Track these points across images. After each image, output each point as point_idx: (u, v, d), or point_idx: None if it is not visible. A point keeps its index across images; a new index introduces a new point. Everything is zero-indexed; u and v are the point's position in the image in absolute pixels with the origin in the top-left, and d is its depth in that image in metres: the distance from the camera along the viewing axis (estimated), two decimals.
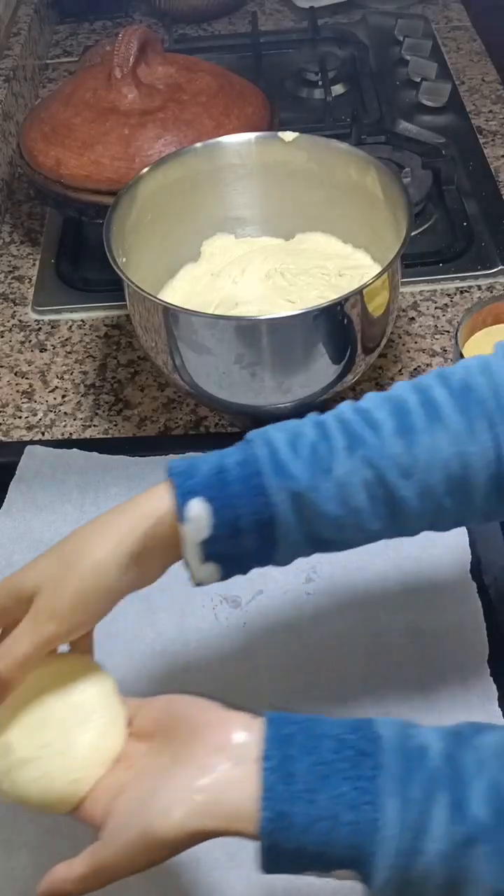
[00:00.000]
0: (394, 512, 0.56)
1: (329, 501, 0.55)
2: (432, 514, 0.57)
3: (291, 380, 0.84)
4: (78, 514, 0.87)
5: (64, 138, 1.07)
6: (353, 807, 0.45)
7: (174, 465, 0.57)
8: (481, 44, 1.52)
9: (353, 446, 0.55)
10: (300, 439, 0.56)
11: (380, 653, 0.76)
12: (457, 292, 1.08)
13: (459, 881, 0.45)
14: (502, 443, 0.55)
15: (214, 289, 0.97)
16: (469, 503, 0.57)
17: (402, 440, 0.55)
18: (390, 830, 0.45)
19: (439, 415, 0.56)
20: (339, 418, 0.57)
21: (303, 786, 0.46)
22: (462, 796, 0.45)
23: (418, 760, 0.46)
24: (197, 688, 0.74)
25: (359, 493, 0.55)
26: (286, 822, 0.46)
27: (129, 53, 1.07)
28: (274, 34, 1.57)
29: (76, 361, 1.05)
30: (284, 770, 0.47)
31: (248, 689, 0.74)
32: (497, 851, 0.44)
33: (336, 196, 0.97)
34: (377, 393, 0.59)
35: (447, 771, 0.46)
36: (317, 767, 0.47)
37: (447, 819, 0.44)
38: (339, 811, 0.45)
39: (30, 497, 0.88)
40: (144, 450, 0.92)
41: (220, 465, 0.56)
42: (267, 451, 0.55)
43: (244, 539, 0.55)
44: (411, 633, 0.77)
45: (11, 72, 1.38)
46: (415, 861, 0.45)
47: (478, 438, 0.55)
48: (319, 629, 0.77)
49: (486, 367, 0.58)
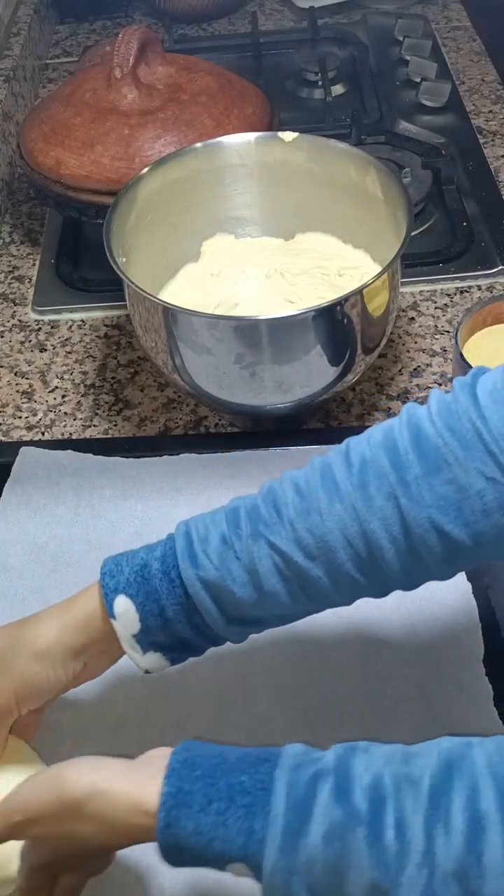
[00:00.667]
0: (308, 591, 0.58)
1: (242, 587, 0.58)
2: (349, 588, 0.58)
3: (291, 380, 0.84)
4: (72, 517, 0.87)
5: (64, 138, 1.07)
6: (248, 792, 0.48)
7: (105, 563, 0.62)
8: (481, 44, 1.52)
9: (258, 532, 0.58)
10: (213, 529, 0.59)
11: (375, 653, 0.76)
12: (457, 292, 1.08)
13: (342, 866, 0.46)
14: (408, 517, 0.55)
15: (214, 289, 0.97)
16: (385, 576, 0.57)
17: (304, 521, 0.57)
18: (277, 809, 0.47)
19: (339, 493, 0.56)
20: (251, 504, 0.59)
21: (203, 772, 0.50)
22: (346, 786, 0.47)
23: (312, 761, 0.49)
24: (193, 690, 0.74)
25: (269, 578, 0.57)
26: (185, 799, 0.49)
27: (129, 53, 1.07)
28: (274, 34, 1.57)
29: (76, 361, 1.05)
30: (190, 763, 0.50)
31: (244, 689, 0.75)
32: (374, 836, 0.45)
33: (336, 196, 0.97)
34: (292, 472, 0.60)
35: (336, 766, 0.48)
36: (220, 765, 0.50)
37: (329, 802, 0.47)
38: (235, 795, 0.48)
39: (24, 499, 0.88)
40: (144, 450, 0.92)
41: (145, 561, 0.60)
42: (184, 543, 0.59)
43: (176, 627, 0.59)
44: (407, 633, 0.77)
45: (11, 72, 1.38)
46: (300, 842, 0.46)
47: (378, 514, 0.55)
48: (315, 629, 0.77)
49: (389, 436, 0.57)
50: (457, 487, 0.54)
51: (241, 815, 0.48)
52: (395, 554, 0.56)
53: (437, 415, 0.56)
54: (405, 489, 0.55)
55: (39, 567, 0.83)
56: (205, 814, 0.48)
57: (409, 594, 0.78)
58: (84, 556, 0.84)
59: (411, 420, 0.57)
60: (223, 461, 0.90)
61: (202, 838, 0.48)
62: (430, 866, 0.44)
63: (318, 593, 0.58)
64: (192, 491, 0.88)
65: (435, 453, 0.55)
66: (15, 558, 0.84)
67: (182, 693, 0.74)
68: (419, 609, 0.78)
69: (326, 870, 0.46)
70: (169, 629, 0.60)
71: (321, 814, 0.46)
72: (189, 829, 0.48)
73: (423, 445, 0.55)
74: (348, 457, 0.58)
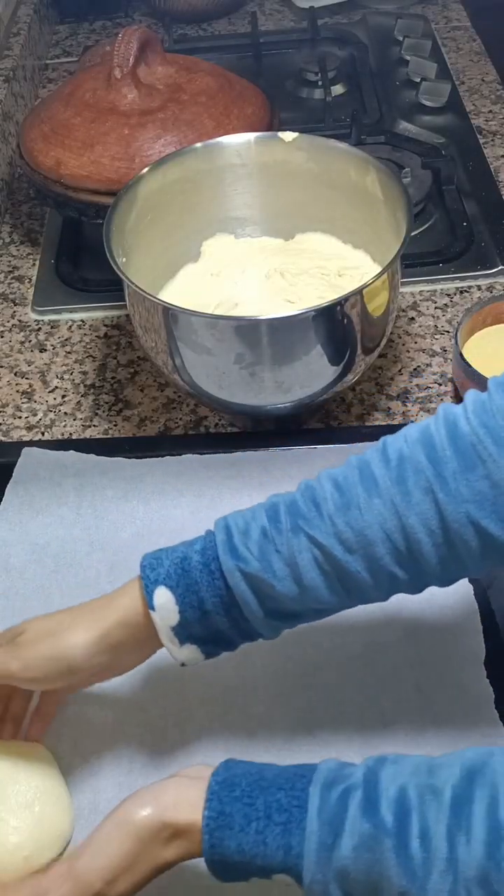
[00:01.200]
0: (347, 585, 0.59)
1: (282, 580, 0.59)
2: (388, 583, 0.59)
3: (291, 380, 0.84)
4: (74, 517, 0.87)
5: (64, 138, 1.07)
6: (284, 810, 0.51)
7: (145, 557, 0.63)
8: (481, 44, 1.52)
9: (298, 527, 0.59)
10: (253, 524, 0.61)
11: (377, 654, 0.76)
12: (457, 292, 1.08)
13: (373, 876, 0.49)
14: (444, 510, 0.56)
15: (214, 289, 0.97)
16: (422, 570, 0.59)
17: (343, 516, 0.58)
18: (311, 826, 0.50)
19: (378, 488, 0.58)
20: (289, 500, 0.61)
21: (242, 792, 0.52)
22: (374, 798, 0.50)
23: (344, 777, 0.52)
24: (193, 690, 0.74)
25: (309, 571, 0.59)
26: (226, 821, 0.52)
27: (129, 53, 1.07)
28: (274, 34, 1.57)
29: (76, 361, 1.05)
30: (229, 783, 0.53)
31: (244, 691, 0.74)
32: (400, 846, 0.48)
33: (336, 196, 0.97)
34: (329, 470, 0.61)
35: (365, 780, 0.51)
36: (258, 783, 0.53)
37: (358, 816, 0.49)
38: (272, 813, 0.51)
39: (26, 499, 0.88)
40: (144, 450, 0.92)
41: (185, 554, 0.62)
42: (224, 537, 0.61)
43: (214, 619, 0.60)
44: (408, 635, 0.77)
45: (11, 72, 1.38)
46: (333, 855, 0.49)
47: (417, 509, 0.56)
48: (316, 631, 0.77)
49: (426, 433, 0.59)
50: (491, 483, 0.55)
51: (278, 833, 0.51)
52: (433, 548, 0.57)
53: (472, 412, 0.57)
54: (443, 484, 0.56)
55: (41, 567, 0.83)
56: (245, 833, 0.51)
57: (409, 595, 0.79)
58: (86, 556, 0.84)
59: (447, 418, 0.58)
60: (224, 462, 0.90)
61: (245, 855, 0.51)
62: (454, 873, 0.47)
63: (356, 587, 0.59)
64: (194, 492, 0.88)
65: (471, 450, 0.56)
66: (16, 559, 0.84)
67: (182, 693, 0.74)
68: (420, 610, 0.78)
69: (359, 879, 0.49)
70: (207, 621, 0.61)
71: (351, 828, 0.49)
72: (232, 848, 0.52)
73: (458, 442, 0.57)
74: (386, 453, 0.59)
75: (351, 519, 0.58)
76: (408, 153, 1.21)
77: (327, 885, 0.50)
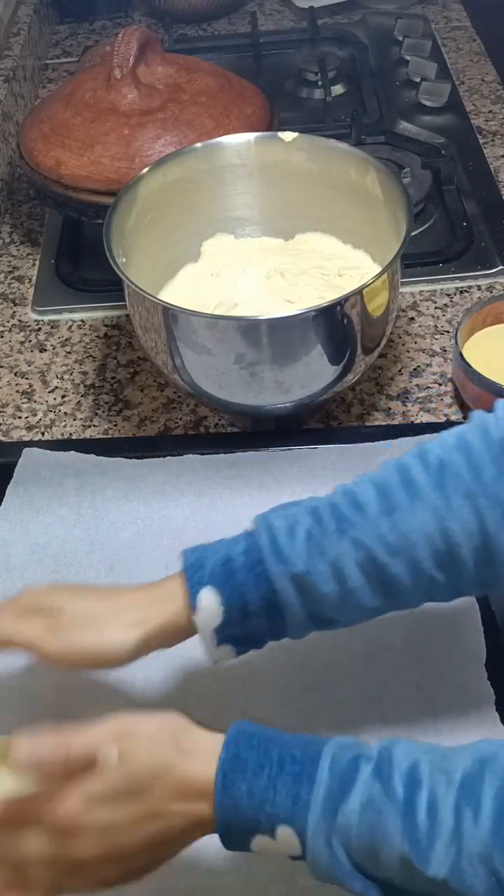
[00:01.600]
0: (388, 588, 0.60)
1: (327, 582, 0.59)
2: (426, 587, 0.60)
3: (291, 380, 0.84)
4: (75, 517, 0.87)
5: (64, 138, 1.07)
6: (298, 762, 0.52)
7: (186, 556, 0.63)
8: (481, 44, 1.52)
9: (342, 529, 0.59)
10: (297, 526, 0.60)
11: (378, 655, 0.76)
12: (456, 292, 1.08)
13: (377, 837, 0.49)
14: (484, 515, 0.57)
15: (214, 289, 0.97)
16: (460, 574, 0.60)
17: (386, 520, 0.59)
18: (322, 777, 0.51)
19: (419, 493, 0.59)
20: (330, 502, 0.61)
21: (259, 742, 0.54)
22: (387, 770, 0.51)
23: (360, 747, 0.53)
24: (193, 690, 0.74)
25: (353, 573, 0.59)
26: (240, 765, 0.53)
27: (129, 53, 1.07)
28: (274, 34, 1.57)
29: (76, 361, 1.05)
30: (247, 734, 0.54)
31: (244, 692, 0.74)
32: (407, 812, 0.49)
33: (336, 196, 0.97)
34: (366, 475, 0.62)
35: (379, 753, 0.52)
36: (275, 739, 0.54)
37: (370, 778, 0.51)
38: (286, 763, 0.52)
39: (27, 499, 0.88)
40: (144, 450, 0.92)
41: (227, 555, 0.61)
42: (268, 539, 0.60)
43: (255, 621, 0.61)
44: (409, 636, 0.77)
45: (11, 72, 1.38)
46: (340, 808, 0.50)
47: (457, 513, 0.58)
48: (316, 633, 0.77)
49: (462, 440, 0.60)
50: None
51: (289, 781, 0.52)
52: (472, 551, 0.58)
53: (502, 419, 0.60)
54: (482, 489, 0.58)
55: (41, 567, 0.83)
56: (257, 777, 0.52)
57: None
58: (86, 556, 0.84)
59: (481, 425, 0.60)
60: (224, 462, 0.90)
61: (254, 800, 0.52)
62: (459, 846, 0.47)
63: (396, 591, 0.60)
64: (194, 492, 0.88)
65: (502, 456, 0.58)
66: (17, 559, 0.84)
67: (182, 694, 0.74)
68: (421, 611, 0.77)
69: (363, 837, 0.50)
70: (247, 622, 0.61)
71: (361, 786, 0.50)
72: (243, 791, 0.52)
73: (493, 449, 0.58)
74: (425, 459, 0.60)
75: (395, 522, 0.59)
76: (408, 153, 1.21)
77: (330, 838, 0.50)
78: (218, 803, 0.52)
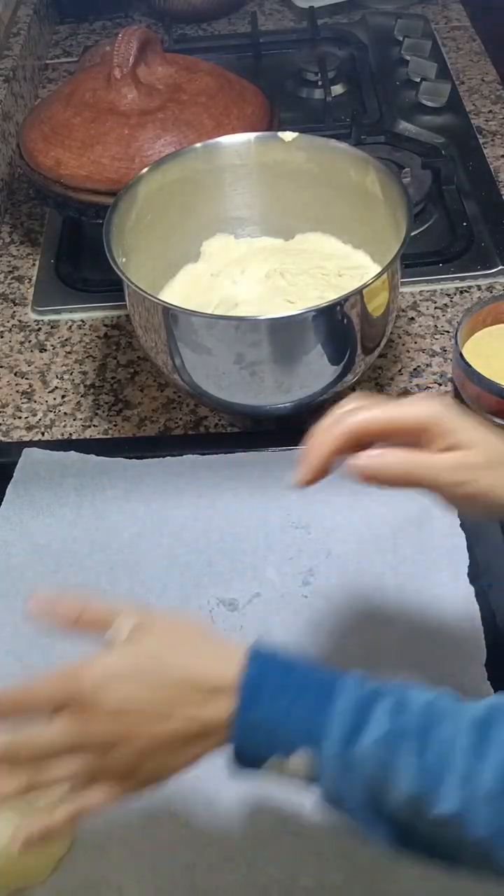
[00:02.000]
0: None
1: None
2: None
3: (291, 380, 0.84)
4: (75, 517, 0.87)
5: (64, 138, 1.07)
6: (320, 685, 0.53)
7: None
8: (481, 44, 1.52)
9: None
10: None
11: (376, 656, 0.76)
12: (456, 292, 1.08)
13: (389, 770, 0.49)
14: None
15: (214, 289, 0.97)
16: None
17: None
18: (343, 704, 0.51)
19: None
20: None
21: (281, 662, 0.54)
22: (404, 701, 0.51)
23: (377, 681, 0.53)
24: None
25: None
26: (264, 681, 0.52)
27: (129, 53, 1.07)
28: (274, 34, 1.57)
29: (76, 361, 1.05)
30: (271, 652, 0.54)
31: None
32: (419, 750, 0.49)
33: (336, 196, 0.97)
34: None
35: (396, 688, 0.53)
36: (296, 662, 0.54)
37: (387, 710, 0.51)
38: (309, 684, 0.53)
39: (27, 499, 0.88)
40: (144, 450, 0.92)
41: None
42: None
43: None
44: (408, 637, 0.77)
45: (11, 72, 1.38)
46: (356, 739, 0.50)
47: None
48: (316, 632, 0.77)
49: None
50: None
51: (310, 704, 0.52)
52: None
53: None
54: None
55: (42, 567, 0.83)
56: (280, 697, 0.52)
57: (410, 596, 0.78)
58: (86, 556, 0.84)
59: None
60: (224, 462, 0.90)
61: (276, 712, 0.52)
62: (469, 785, 0.48)
63: None
64: (194, 492, 0.88)
65: None
66: (17, 559, 0.84)
67: None
68: (421, 612, 0.78)
69: (375, 770, 0.50)
70: None
71: (378, 718, 0.51)
72: (265, 706, 0.52)
73: None
74: None
75: None
76: (408, 153, 1.21)
77: (345, 767, 0.50)
78: (239, 720, 0.52)
